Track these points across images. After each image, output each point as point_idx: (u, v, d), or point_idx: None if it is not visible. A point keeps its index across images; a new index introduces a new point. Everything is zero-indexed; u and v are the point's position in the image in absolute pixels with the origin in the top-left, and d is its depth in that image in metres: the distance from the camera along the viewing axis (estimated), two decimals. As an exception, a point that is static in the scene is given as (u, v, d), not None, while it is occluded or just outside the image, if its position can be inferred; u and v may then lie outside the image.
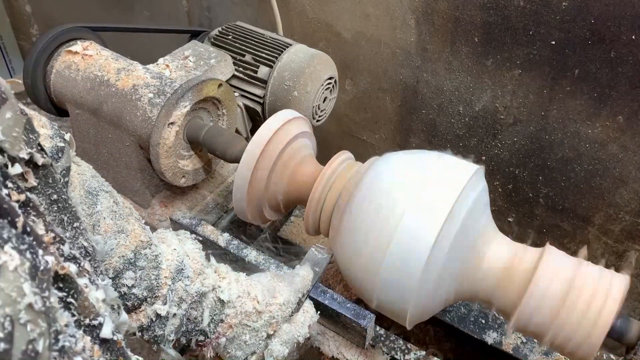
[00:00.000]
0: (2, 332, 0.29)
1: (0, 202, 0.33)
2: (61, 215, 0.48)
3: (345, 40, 1.41)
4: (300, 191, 0.85)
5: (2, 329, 0.29)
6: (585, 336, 0.63)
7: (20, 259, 0.32)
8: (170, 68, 1.05)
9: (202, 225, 0.95)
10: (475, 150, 1.36)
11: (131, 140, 0.98)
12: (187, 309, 0.68)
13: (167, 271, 0.66)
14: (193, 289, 0.67)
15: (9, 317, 0.30)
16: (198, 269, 0.69)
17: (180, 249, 0.69)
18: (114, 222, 0.62)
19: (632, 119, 1.10)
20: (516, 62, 1.18)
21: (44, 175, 0.46)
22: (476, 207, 0.70)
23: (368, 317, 0.79)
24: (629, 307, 1.33)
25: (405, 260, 0.67)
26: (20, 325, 0.31)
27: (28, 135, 0.43)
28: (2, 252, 0.31)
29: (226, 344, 0.71)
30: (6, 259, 0.31)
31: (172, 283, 0.66)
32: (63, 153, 0.55)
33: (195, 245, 0.73)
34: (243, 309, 0.70)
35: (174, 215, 0.97)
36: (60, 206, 0.48)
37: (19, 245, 0.33)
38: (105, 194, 0.62)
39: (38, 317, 0.32)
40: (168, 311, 0.65)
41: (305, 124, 0.91)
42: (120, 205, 0.64)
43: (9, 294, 0.30)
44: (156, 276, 0.64)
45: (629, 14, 1.00)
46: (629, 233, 1.23)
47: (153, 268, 0.64)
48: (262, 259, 0.88)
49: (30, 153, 0.42)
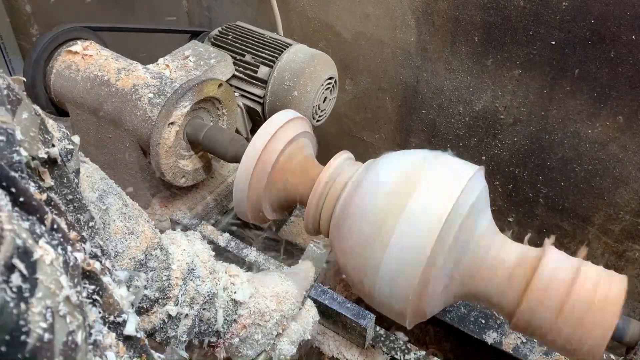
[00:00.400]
0: (45, 323, 0.29)
1: (30, 199, 0.33)
2: (77, 214, 0.48)
3: (345, 40, 1.41)
4: (300, 191, 0.85)
5: (44, 319, 0.29)
6: (587, 337, 0.63)
7: (55, 253, 0.32)
8: (170, 68, 1.05)
9: (202, 225, 0.95)
10: (475, 150, 1.36)
11: (131, 140, 0.98)
12: (199, 310, 0.67)
13: (178, 272, 0.65)
14: (204, 289, 0.67)
15: (49, 308, 0.30)
16: (209, 269, 0.69)
17: (190, 250, 0.69)
18: (124, 224, 0.61)
19: (632, 119, 1.10)
20: (516, 62, 1.18)
21: (59, 175, 0.46)
22: (476, 207, 0.70)
23: (368, 317, 0.79)
24: (629, 307, 1.33)
25: (405, 260, 0.67)
26: (59, 317, 0.31)
27: (44, 135, 0.43)
28: (37, 246, 0.31)
29: (238, 343, 0.71)
30: (42, 252, 0.31)
31: (184, 283, 0.65)
32: (72, 155, 0.55)
33: (204, 245, 0.72)
34: (256, 309, 0.70)
35: (174, 215, 0.97)
36: (76, 205, 0.48)
37: (51, 241, 0.33)
38: (114, 196, 0.62)
39: (74, 310, 0.33)
40: (180, 312, 0.65)
41: (305, 124, 0.91)
42: (129, 206, 0.64)
43: (48, 286, 0.30)
44: (167, 277, 0.64)
45: (629, 14, 1.00)
46: (629, 233, 1.23)
47: (164, 269, 0.64)
48: (262, 259, 0.88)
49: (48, 152, 0.43)
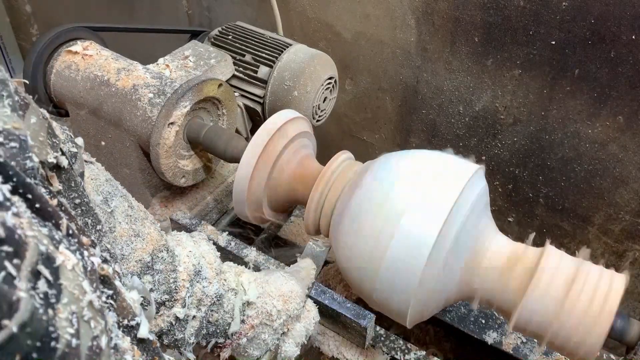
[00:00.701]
0: (72, 328, 0.29)
1: (45, 205, 0.33)
2: (85, 218, 0.48)
3: (345, 40, 1.41)
4: (300, 191, 0.85)
5: (71, 325, 0.29)
6: (585, 336, 0.63)
7: (75, 258, 0.32)
8: (170, 68, 1.05)
9: (202, 225, 0.95)
10: (475, 150, 1.36)
11: (131, 140, 0.98)
12: (206, 311, 0.67)
13: (185, 273, 0.65)
14: (212, 290, 0.67)
15: (75, 314, 0.30)
16: (215, 270, 0.69)
17: (196, 251, 0.68)
18: (129, 226, 0.61)
19: (632, 119, 1.10)
20: (516, 62, 1.18)
21: (66, 179, 0.45)
22: (476, 207, 0.70)
23: (368, 317, 0.79)
24: (629, 307, 1.33)
25: (405, 260, 0.67)
26: (84, 322, 0.31)
27: (52, 140, 0.42)
28: (58, 252, 0.31)
29: (245, 344, 0.71)
30: (63, 258, 0.31)
31: (191, 285, 0.65)
32: (76, 158, 0.55)
33: (210, 246, 0.72)
34: (264, 309, 0.70)
35: (174, 215, 0.97)
36: (84, 209, 0.48)
37: (69, 246, 0.33)
38: (120, 198, 0.62)
39: (97, 315, 0.33)
40: (187, 314, 0.65)
41: (305, 124, 0.91)
42: (135, 208, 0.63)
43: (72, 291, 0.30)
44: (174, 279, 0.64)
45: (629, 14, 1.00)
46: (629, 233, 1.23)
47: (171, 271, 0.63)
48: (262, 259, 0.88)
49: (56, 157, 0.42)
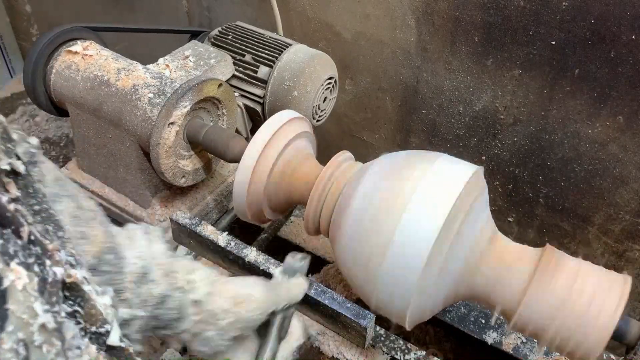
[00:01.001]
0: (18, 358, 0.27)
1: (4, 211, 0.31)
2: (46, 225, 0.45)
3: (345, 40, 1.41)
4: (300, 191, 0.85)
5: (16, 355, 0.27)
6: (586, 337, 0.63)
7: (28, 275, 0.30)
8: (170, 68, 1.05)
9: (202, 225, 0.94)
10: (475, 150, 1.36)
11: (131, 140, 0.98)
12: (151, 311, 0.66)
13: (131, 275, 0.63)
14: (157, 291, 0.66)
15: (22, 341, 0.28)
16: (165, 271, 0.68)
17: (146, 251, 0.67)
18: (75, 228, 0.58)
19: (632, 119, 1.10)
20: (516, 62, 1.18)
21: (24, 185, 0.43)
22: (476, 207, 0.70)
23: (368, 317, 0.79)
24: (629, 307, 1.33)
25: (405, 260, 0.67)
26: (35, 348, 0.29)
27: (6, 145, 0.40)
28: (8, 270, 0.29)
29: (191, 338, 0.70)
30: (13, 277, 0.29)
31: (137, 287, 0.64)
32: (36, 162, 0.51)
33: (163, 245, 0.71)
34: (208, 307, 0.69)
35: (174, 215, 0.97)
36: (44, 216, 0.45)
37: (26, 259, 0.31)
38: (66, 199, 0.58)
39: (52, 336, 0.31)
40: (132, 314, 0.63)
41: (305, 124, 0.91)
42: (84, 208, 0.60)
43: (20, 316, 0.28)
44: (120, 281, 0.62)
45: (629, 14, 1.00)
46: (629, 233, 1.23)
47: (116, 272, 0.62)
48: (262, 259, 0.88)
49: (10, 163, 0.40)
